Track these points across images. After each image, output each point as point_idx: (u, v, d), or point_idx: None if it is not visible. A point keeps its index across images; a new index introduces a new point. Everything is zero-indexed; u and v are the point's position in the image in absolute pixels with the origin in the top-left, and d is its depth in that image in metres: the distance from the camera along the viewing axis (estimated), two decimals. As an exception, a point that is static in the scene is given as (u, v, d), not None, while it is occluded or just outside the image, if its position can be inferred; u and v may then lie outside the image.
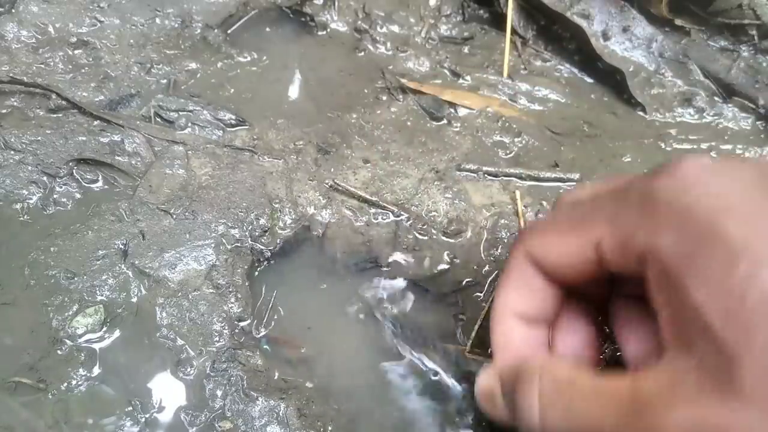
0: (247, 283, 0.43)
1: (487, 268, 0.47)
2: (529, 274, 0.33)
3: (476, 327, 0.43)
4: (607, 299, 0.35)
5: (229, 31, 0.64)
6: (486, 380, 0.34)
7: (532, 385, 0.30)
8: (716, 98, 0.64)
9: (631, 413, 0.26)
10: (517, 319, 0.34)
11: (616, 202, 0.29)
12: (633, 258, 0.27)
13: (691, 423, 0.23)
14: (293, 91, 0.60)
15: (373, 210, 0.49)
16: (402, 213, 0.49)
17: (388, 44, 0.66)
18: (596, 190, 0.33)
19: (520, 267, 0.33)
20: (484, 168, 0.54)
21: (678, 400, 0.24)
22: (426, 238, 0.48)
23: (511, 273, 0.34)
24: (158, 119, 0.53)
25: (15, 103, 0.51)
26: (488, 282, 0.46)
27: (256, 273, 0.45)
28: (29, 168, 0.46)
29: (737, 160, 0.29)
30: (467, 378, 0.41)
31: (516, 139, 0.57)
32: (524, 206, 0.51)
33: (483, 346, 0.43)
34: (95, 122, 0.50)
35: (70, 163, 0.47)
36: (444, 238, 0.49)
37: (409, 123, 0.58)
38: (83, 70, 0.55)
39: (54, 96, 0.51)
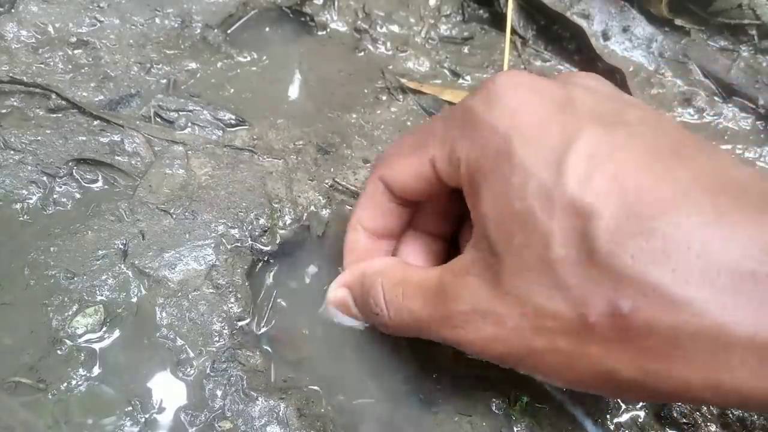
0: (247, 283, 0.43)
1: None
2: (379, 196, 0.37)
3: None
4: (455, 219, 0.39)
5: (229, 31, 0.64)
6: (337, 293, 0.39)
7: (377, 289, 0.34)
8: (716, 98, 0.64)
9: (437, 301, 0.30)
10: (364, 232, 0.38)
11: (446, 121, 0.32)
12: (457, 171, 0.30)
13: (470, 308, 0.28)
14: (293, 91, 0.60)
15: (373, 210, 0.49)
16: (402, 213, 0.49)
17: (388, 44, 0.66)
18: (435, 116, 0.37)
19: (372, 189, 0.37)
20: (484, 168, 0.53)
21: (463, 290, 0.29)
22: (426, 238, 0.48)
23: (365, 194, 0.38)
24: (158, 119, 0.53)
25: (15, 103, 0.51)
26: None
27: (256, 273, 0.45)
28: (29, 168, 0.46)
29: (553, 77, 0.32)
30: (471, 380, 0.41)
31: (516, 139, 0.57)
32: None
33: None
34: (95, 122, 0.50)
35: (70, 163, 0.47)
36: (444, 238, 0.49)
37: (409, 123, 0.58)
38: (83, 70, 0.55)
39: (54, 96, 0.51)
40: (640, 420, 0.40)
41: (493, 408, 0.40)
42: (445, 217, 0.39)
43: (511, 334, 0.27)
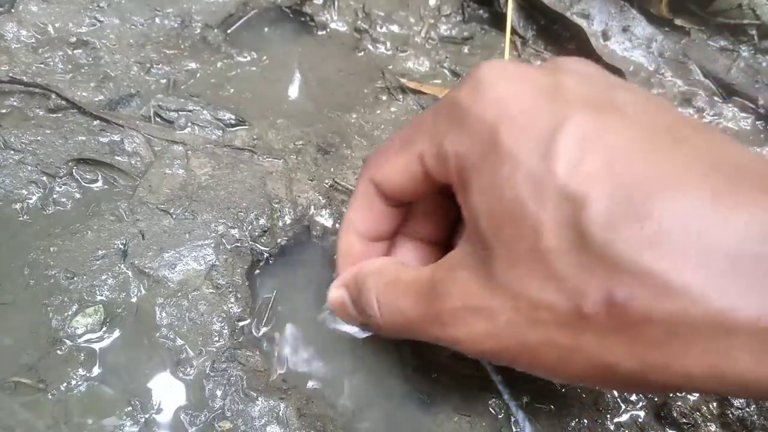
0: (247, 283, 0.43)
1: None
2: (370, 198, 0.36)
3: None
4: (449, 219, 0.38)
5: (228, 31, 0.64)
6: (335, 293, 0.37)
7: (370, 289, 0.33)
8: (716, 98, 0.64)
9: (428, 300, 0.29)
10: (357, 236, 0.37)
11: (434, 115, 0.31)
12: (446, 165, 0.29)
13: (461, 305, 0.27)
14: (293, 91, 0.60)
15: (373, 210, 0.49)
16: (402, 213, 0.49)
17: (388, 44, 0.66)
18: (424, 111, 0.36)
19: (363, 191, 0.36)
20: (484, 168, 0.53)
21: (454, 286, 0.28)
22: (426, 238, 0.48)
23: (356, 197, 0.37)
24: (158, 119, 0.53)
25: (15, 103, 0.51)
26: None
27: (256, 273, 0.45)
28: (29, 168, 0.46)
29: (541, 65, 0.31)
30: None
31: (516, 139, 0.57)
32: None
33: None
34: (95, 122, 0.50)
35: (70, 163, 0.47)
36: (444, 238, 0.49)
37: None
38: (83, 70, 0.55)
39: (54, 96, 0.51)
40: (640, 420, 0.40)
41: (493, 408, 0.40)
42: (437, 220, 0.38)
43: (504, 329, 0.26)
